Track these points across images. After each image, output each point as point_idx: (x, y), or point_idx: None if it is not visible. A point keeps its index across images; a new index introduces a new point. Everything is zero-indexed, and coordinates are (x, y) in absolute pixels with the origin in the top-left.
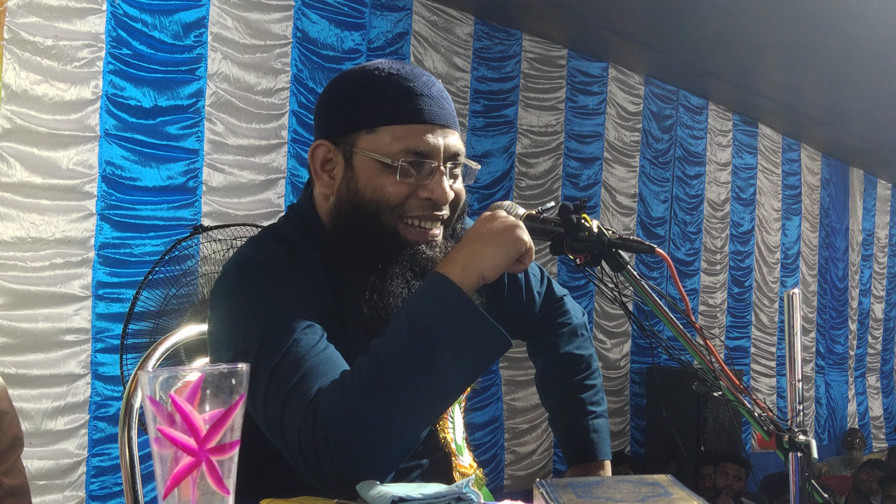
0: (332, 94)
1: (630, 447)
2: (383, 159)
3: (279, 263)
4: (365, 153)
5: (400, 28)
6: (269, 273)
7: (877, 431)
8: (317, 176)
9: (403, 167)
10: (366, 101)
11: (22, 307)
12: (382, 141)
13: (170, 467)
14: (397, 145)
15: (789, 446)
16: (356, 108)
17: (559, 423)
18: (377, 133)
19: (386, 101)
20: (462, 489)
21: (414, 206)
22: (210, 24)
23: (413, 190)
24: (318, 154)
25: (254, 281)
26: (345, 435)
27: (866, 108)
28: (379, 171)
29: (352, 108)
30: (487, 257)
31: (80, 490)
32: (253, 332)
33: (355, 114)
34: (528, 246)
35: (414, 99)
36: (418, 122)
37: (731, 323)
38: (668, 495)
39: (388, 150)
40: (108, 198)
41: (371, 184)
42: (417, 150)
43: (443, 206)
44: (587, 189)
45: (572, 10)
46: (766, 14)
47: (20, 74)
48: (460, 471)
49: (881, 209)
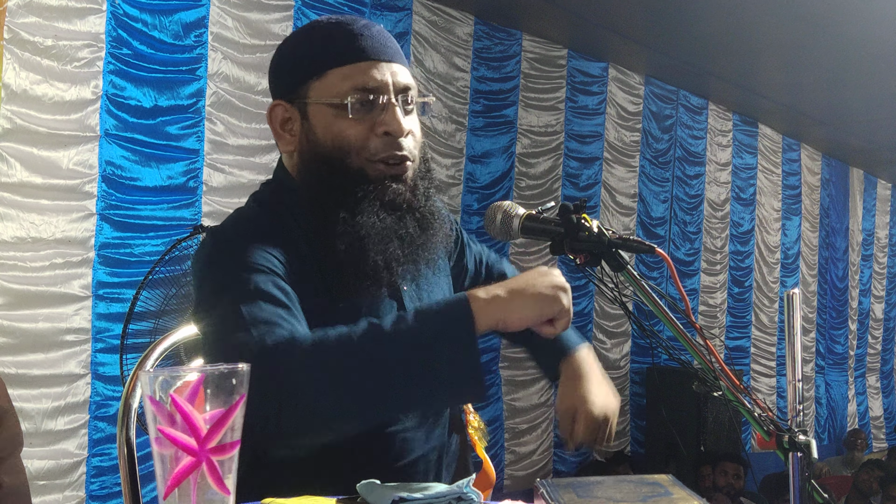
0: (279, 55)
1: (630, 447)
2: (333, 100)
3: (251, 221)
4: (317, 102)
5: (400, 28)
6: (242, 231)
7: (877, 431)
8: (278, 136)
9: (353, 105)
10: (310, 51)
11: (22, 307)
12: (331, 84)
13: (170, 467)
14: (346, 84)
15: (789, 446)
16: (302, 60)
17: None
18: (325, 78)
19: (329, 46)
20: (463, 489)
21: (377, 146)
22: (210, 24)
23: (370, 128)
24: (276, 115)
25: (227, 242)
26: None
27: (866, 108)
28: (333, 116)
29: (298, 60)
30: (517, 307)
31: (80, 490)
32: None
33: (302, 65)
34: (563, 308)
35: (355, 39)
36: (363, 60)
37: (731, 323)
38: (668, 495)
39: (336, 92)
40: (108, 198)
41: (329, 131)
42: (366, 86)
43: (400, 138)
44: (587, 189)
45: (572, 10)
46: (766, 14)
47: (20, 74)
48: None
49: (881, 209)
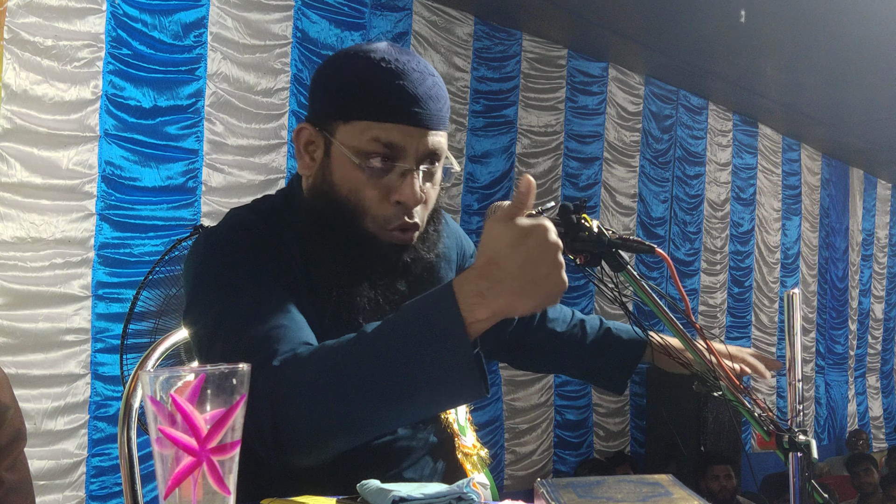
0: (321, 76)
1: (630, 447)
2: (353, 158)
3: (247, 230)
4: (340, 145)
5: (400, 28)
6: (236, 239)
7: (877, 431)
8: (299, 155)
9: (375, 167)
10: (347, 91)
11: (22, 307)
12: (356, 135)
13: (171, 467)
14: (370, 144)
15: (789, 446)
16: (337, 96)
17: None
18: (352, 126)
19: (365, 95)
20: (463, 489)
21: (389, 214)
22: (210, 25)
23: (386, 193)
24: (302, 136)
25: (220, 247)
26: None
27: (866, 108)
28: (352, 166)
29: (334, 94)
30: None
31: (80, 490)
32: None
33: (336, 102)
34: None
35: (396, 96)
36: (392, 122)
37: (731, 323)
38: (668, 495)
39: (359, 148)
40: (107, 198)
41: (346, 181)
42: (389, 151)
43: (412, 208)
44: (587, 189)
45: (572, 10)
46: (767, 14)
47: (20, 74)
48: (464, 451)
49: (881, 209)
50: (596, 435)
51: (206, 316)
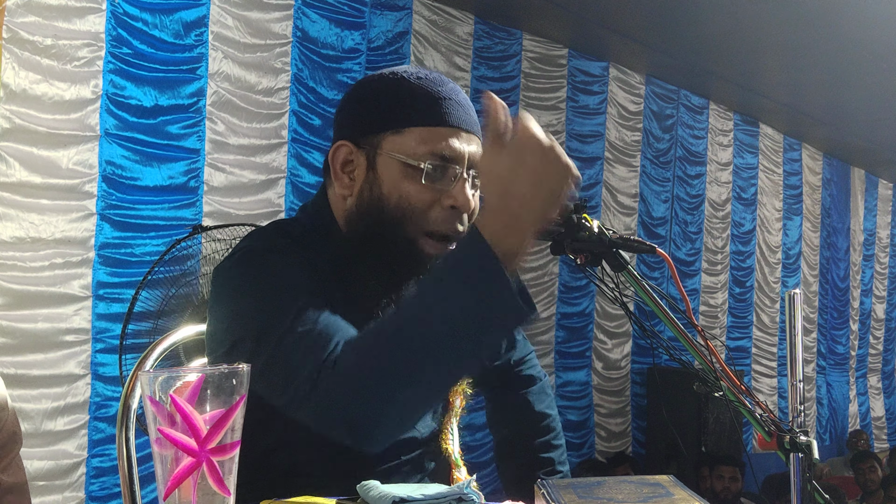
0: (358, 95)
1: (631, 447)
2: (409, 161)
3: (283, 251)
4: (390, 155)
5: (400, 27)
6: (273, 259)
7: (878, 432)
8: (336, 176)
9: (429, 170)
10: (394, 102)
11: (22, 307)
12: (408, 143)
13: (170, 468)
14: (423, 147)
15: (790, 447)
16: (383, 109)
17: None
18: (403, 134)
19: (414, 103)
20: (463, 489)
21: (438, 218)
22: (210, 24)
23: (437, 198)
24: (340, 154)
25: (258, 266)
26: (363, 383)
27: (867, 108)
28: (403, 174)
29: (379, 108)
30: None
31: (79, 491)
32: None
33: (382, 114)
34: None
35: (442, 102)
36: (445, 126)
37: (732, 323)
38: (669, 496)
39: (413, 152)
40: (108, 197)
41: (396, 189)
42: (444, 154)
43: (465, 213)
44: (588, 189)
45: (573, 9)
46: (768, 14)
47: (19, 74)
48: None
49: (882, 209)
50: (597, 436)
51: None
